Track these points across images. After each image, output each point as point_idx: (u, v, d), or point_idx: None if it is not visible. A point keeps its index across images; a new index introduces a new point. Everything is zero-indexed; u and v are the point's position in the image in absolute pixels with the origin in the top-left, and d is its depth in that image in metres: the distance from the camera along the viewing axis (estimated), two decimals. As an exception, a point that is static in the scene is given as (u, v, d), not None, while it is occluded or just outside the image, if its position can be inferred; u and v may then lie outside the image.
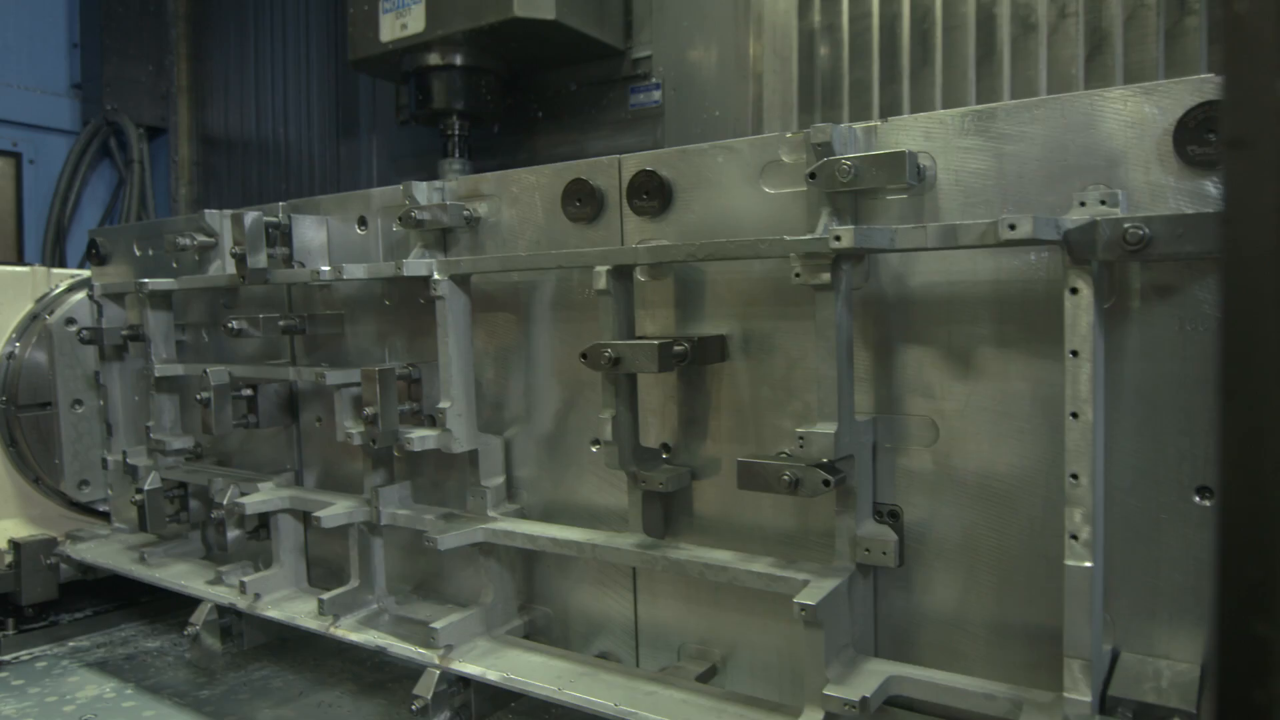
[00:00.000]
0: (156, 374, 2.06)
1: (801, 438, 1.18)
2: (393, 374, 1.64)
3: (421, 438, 1.60)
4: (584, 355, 1.36)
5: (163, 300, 2.10)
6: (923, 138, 1.23)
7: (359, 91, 3.63)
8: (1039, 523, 1.19)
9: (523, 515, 1.69)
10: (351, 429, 1.68)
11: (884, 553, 1.26)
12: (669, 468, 1.46)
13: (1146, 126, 1.08)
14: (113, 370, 2.24)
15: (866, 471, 1.28)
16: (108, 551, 2.34)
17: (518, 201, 1.63)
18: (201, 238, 2.02)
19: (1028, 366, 1.18)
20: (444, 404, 1.59)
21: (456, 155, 2.96)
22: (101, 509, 2.55)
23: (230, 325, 1.82)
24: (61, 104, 4.14)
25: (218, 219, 2.02)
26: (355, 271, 1.64)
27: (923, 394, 1.26)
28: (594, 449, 1.58)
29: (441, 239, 1.70)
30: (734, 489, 1.28)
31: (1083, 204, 1.09)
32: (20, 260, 4.02)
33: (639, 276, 1.47)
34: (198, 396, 1.94)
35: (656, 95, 2.80)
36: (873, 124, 1.26)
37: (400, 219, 1.64)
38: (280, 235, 1.84)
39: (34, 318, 2.42)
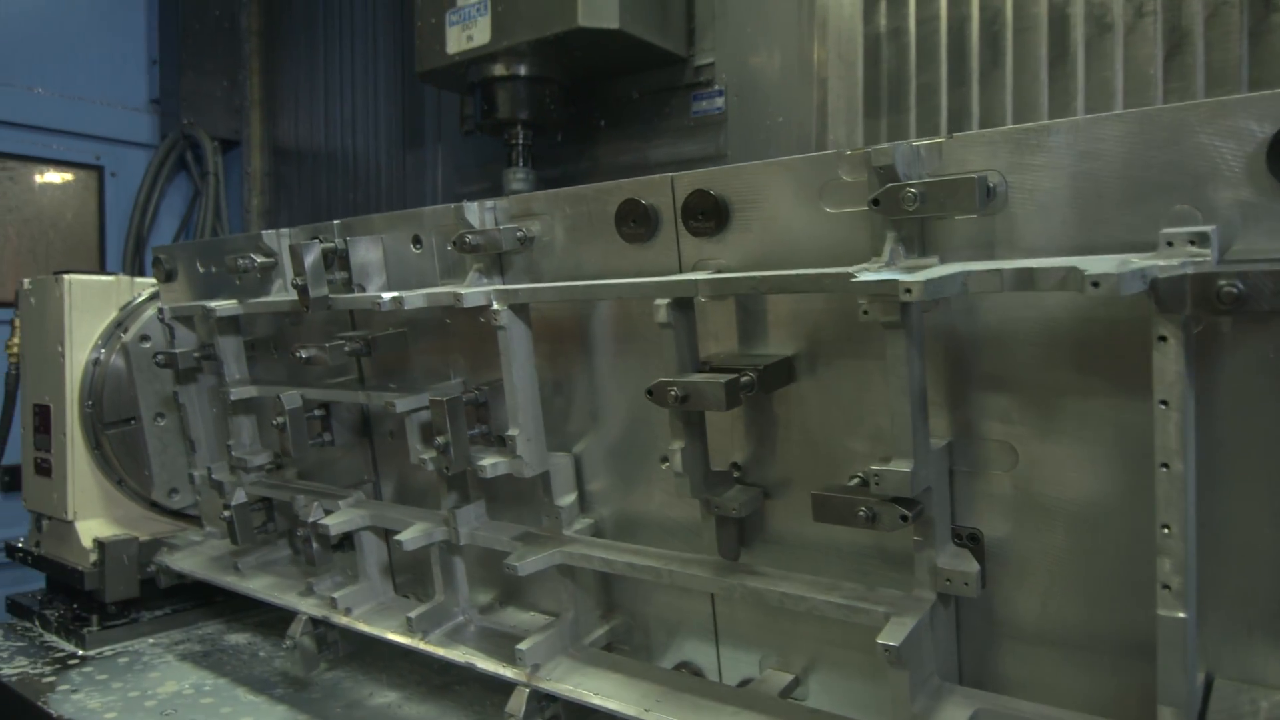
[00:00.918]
0: (232, 398, 2.12)
1: (878, 477, 1.15)
2: (460, 402, 1.65)
3: (494, 464, 1.61)
4: (650, 392, 1.33)
5: (231, 324, 2.15)
6: (991, 155, 1.17)
7: (424, 103, 3.70)
8: (1126, 548, 1.15)
9: (597, 529, 1.69)
10: (424, 455, 1.70)
11: (965, 583, 1.22)
12: (741, 490, 1.44)
13: (1239, 142, 1.01)
14: (190, 391, 2.30)
15: (944, 499, 1.25)
16: (202, 562, 2.42)
17: (570, 221, 1.60)
18: (262, 259, 2.04)
19: (1111, 391, 1.14)
20: (513, 431, 1.59)
21: (520, 165, 2.99)
22: (190, 513, 2.63)
23: (300, 355, 1.84)
24: (141, 119, 4.30)
25: (275, 239, 2.05)
26: (415, 301, 1.64)
27: (1000, 419, 1.23)
28: (663, 466, 1.57)
29: (497, 260, 1.69)
30: (807, 506, 1.26)
31: (1170, 244, 1.01)
32: (102, 269, 4.17)
33: (699, 298, 1.45)
34: (274, 422, 2.01)
35: (719, 102, 2.79)
36: (938, 140, 1.21)
37: (454, 243, 1.63)
38: (338, 259, 1.85)
39: (118, 325, 2.51)
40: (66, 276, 2.45)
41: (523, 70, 2.85)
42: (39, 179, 4.02)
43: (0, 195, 3.89)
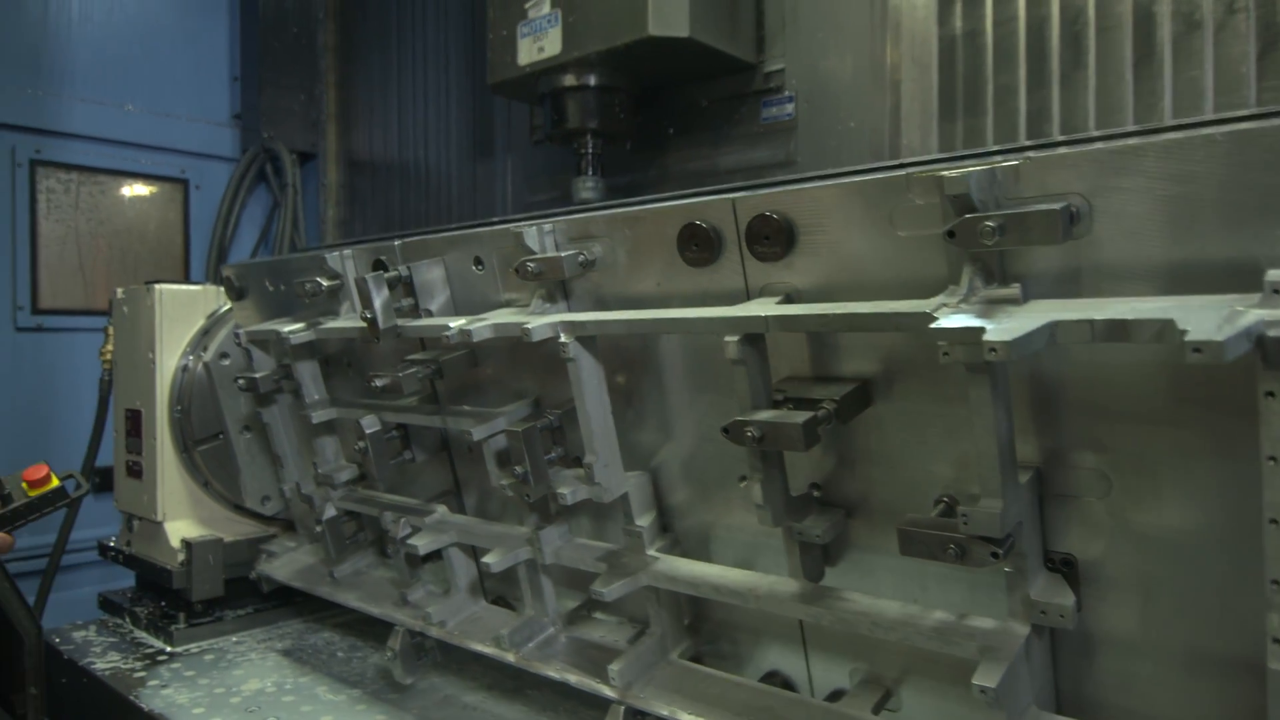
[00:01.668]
0: (314, 420, 2.18)
1: (966, 517, 1.12)
2: (536, 431, 1.65)
3: (573, 491, 1.62)
4: (726, 430, 1.31)
5: (305, 349, 2.19)
6: (1073, 177, 1.09)
7: (494, 114, 3.76)
8: (1229, 578, 1.10)
9: (678, 543, 1.69)
10: (503, 480, 1.72)
11: (1061, 615, 1.19)
12: (823, 514, 1.42)
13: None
14: (272, 411, 2.36)
15: (1034, 530, 1.21)
16: (299, 571, 2.50)
17: (631, 243, 1.57)
18: (328, 282, 2.07)
19: (1210, 421, 1.08)
20: (589, 459, 1.60)
21: (589, 173, 3.02)
22: (271, 514, 2.71)
23: (375, 384, 1.87)
24: (224, 133, 4.45)
25: (339, 261, 2.07)
26: (483, 332, 1.63)
27: (1091, 446, 1.18)
28: (741, 484, 1.56)
29: (561, 284, 1.68)
30: (889, 524, 1.24)
31: (1277, 291, 0.94)
32: (186, 278, 4.33)
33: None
34: (356, 446, 2.06)
35: (789, 108, 2.78)
36: (1014, 162, 1.14)
37: (516, 270, 1.62)
38: (403, 286, 1.87)
39: (205, 333, 2.60)
40: (157, 286, 2.55)
41: (592, 80, 2.87)
42: (128, 192, 4.19)
43: (93, 208, 4.06)
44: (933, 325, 1.04)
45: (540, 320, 1.57)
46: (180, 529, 2.57)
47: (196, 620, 2.53)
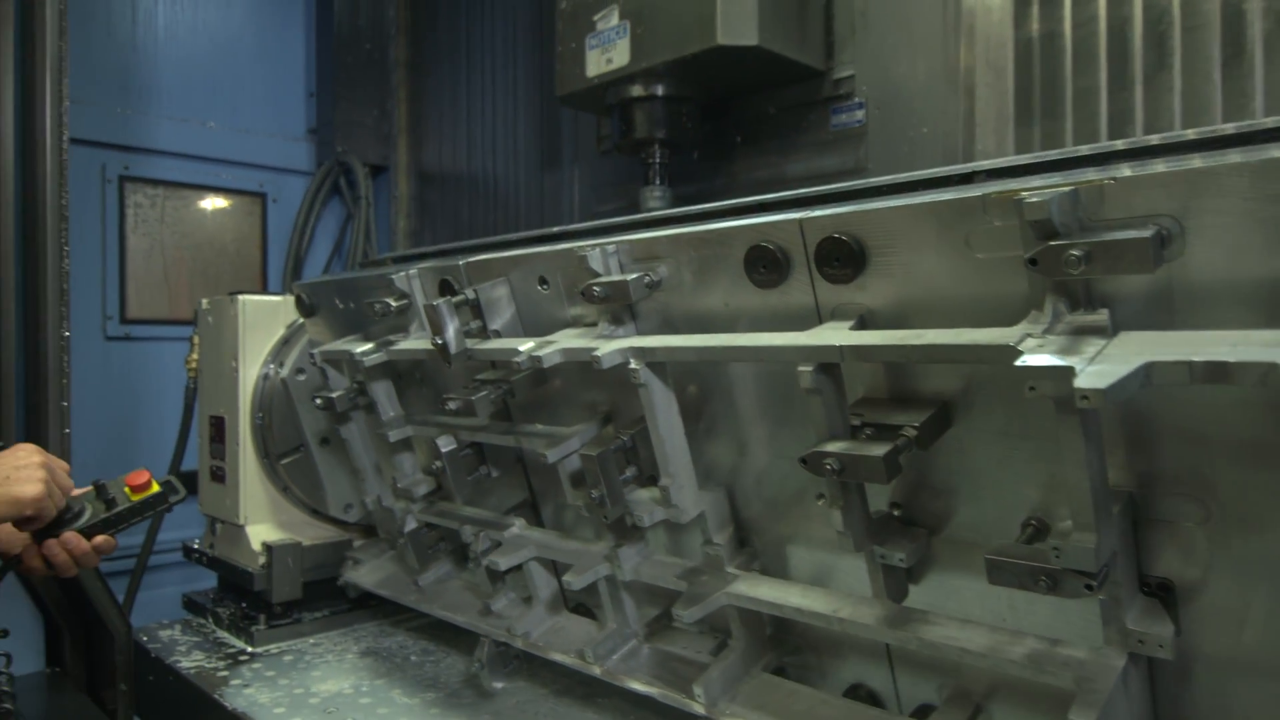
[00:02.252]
0: (391, 439, 2.22)
1: (1058, 550, 1.08)
2: (610, 455, 1.65)
3: (651, 513, 1.62)
4: (804, 461, 1.29)
5: (380, 369, 2.22)
6: (1162, 197, 1.03)
7: (562, 125, 3.80)
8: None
9: (756, 557, 1.68)
10: (579, 500, 1.73)
11: (1160, 645, 1.15)
12: (905, 536, 1.39)
13: None
14: (350, 428, 2.40)
15: (1130, 557, 1.17)
16: (384, 578, 2.56)
17: (696, 263, 1.55)
18: (396, 302, 2.10)
19: None
20: (664, 481, 1.59)
21: (657, 183, 3.03)
22: (347, 519, 2.77)
23: (449, 406, 1.89)
24: (299, 148, 4.58)
25: (406, 282, 2.09)
26: (553, 358, 1.63)
27: (1190, 473, 1.14)
28: (819, 502, 1.53)
29: (628, 307, 1.68)
30: (973, 542, 1.22)
31: None
32: (264, 289, 4.46)
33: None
34: (433, 466, 2.09)
35: (859, 115, 2.75)
36: (1098, 181, 1.08)
37: (582, 293, 1.61)
38: (470, 309, 1.88)
39: (285, 342, 2.67)
40: (240, 297, 2.63)
41: (660, 90, 2.88)
42: (209, 206, 4.34)
43: (176, 221, 4.21)
44: (1019, 363, 1.00)
45: (610, 346, 1.56)
46: (261, 532, 2.65)
47: (276, 622, 2.60)
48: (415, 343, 2.07)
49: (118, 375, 3.93)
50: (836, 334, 1.30)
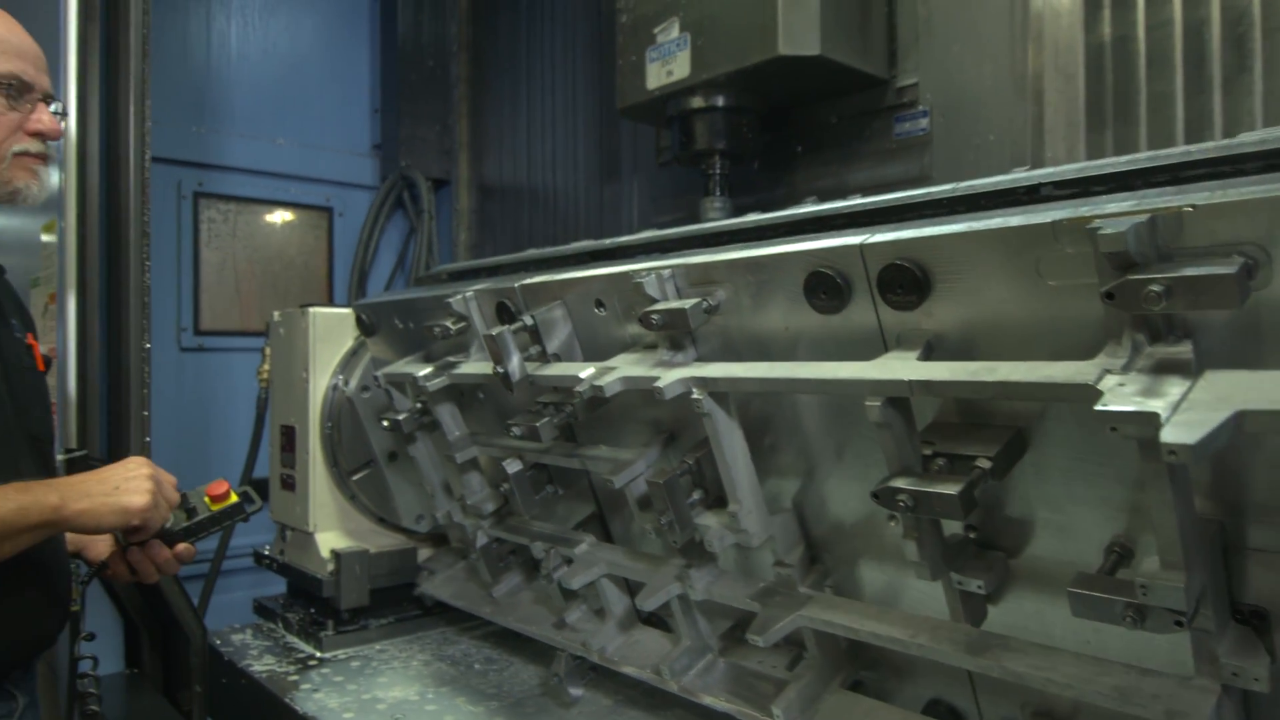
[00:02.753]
0: (458, 461, 2.25)
1: (1145, 588, 1.04)
2: (677, 482, 1.64)
3: (721, 538, 1.61)
4: (876, 495, 1.26)
5: (443, 393, 2.24)
6: (1246, 224, 0.97)
7: (621, 137, 3.82)
8: None
9: (828, 574, 1.66)
10: (648, 524, 1.72)
11: (1255, 679, 1.10)
12: (983, 562, 1.35)
13: None
14: (418, 447, 2.44)
15: (1220, 589, 1.13)
16: (459, 590, 2.60)
17: (754, 287, 1.51)
18: (455, 325, 2.11)
19: None
20: (733, 507, 1.58)
21: (717, 194, 3.03)
22: (415, 529, 2.81)
23: (513, 432, 1.90)
24: (364, 163, 4.69)
25: (464, 304, 2.10)
26: (614, 386, 1.62)
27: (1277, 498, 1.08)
28: (891, 525, 1.49)
29: (688, 333, 1.65)
30: (1052, 563, 1.18)
31: None
32: (330, 301, 4.57)
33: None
34: (500, 489, 2.11)
35: (923, 123, 2.72)
36: (1176, 207, 1.02)
37: (640, 320, 1.58)
38: (529, 334, 1.88)
39: (353, 353, 2.73)
40: (311, 309, 2.70)
41: (721, 101, 2.88)
42: (278, 220, 4.46)
43: (247, 235, 4.34)
44: (1099, 408, 0.95)
45: (671, 376, 1.54)
46: (329, 540, 2.70)
47: (344, 628, 2.65)
48: (477, 366, 2.08)
49: (191, 385, 4.05)
50: (904, 365, 1.25)
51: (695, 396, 1.51)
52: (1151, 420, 0.91)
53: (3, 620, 1.62)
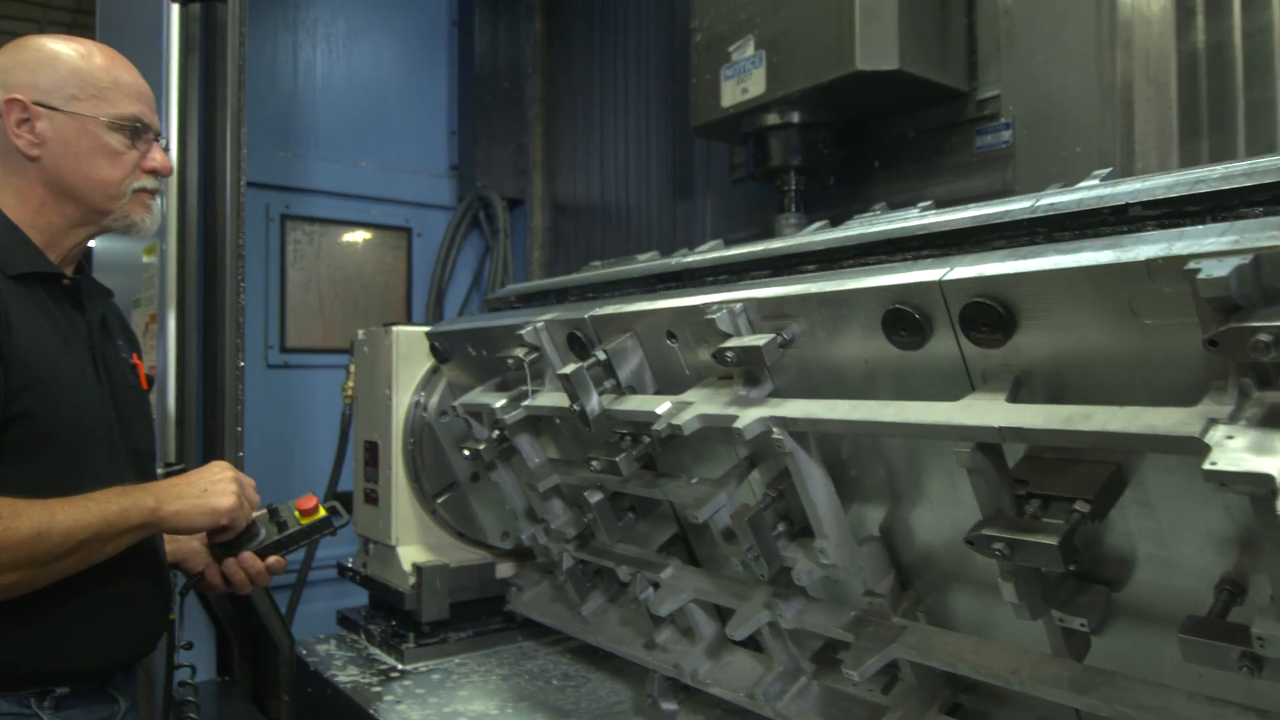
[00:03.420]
0: (540, 490, 2.26)
1: (1262, 640, 0.99)
2: (761, 516, 1.62)
3: (809, 571, 1.59)
4: (969, 542, 1.21)
5: (521, 424, 2.25)
6: None
7: (694, 155, 3.83)
8: None
9: (920, 600, 1.62)
10: (733, 555, 1.71)
11: None
12: (1083, 594, 1.29)
13: None
14: (500, 473, 2.46)
15: None
16: (548, 609, 2.62)
17: (830, 321, 1.46)
18: (528, 356, 2.11)
19: None
20: (820, 543, 1.55)
21: (792, 210, 3.01)
22: (494, 544, 2.85)
23: (593, 465, 1.91)
24: (442, 184, 4.79)
25: (535, 335, 2.09)
26: (692, 425, 1.60)
27: None
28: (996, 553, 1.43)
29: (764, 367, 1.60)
30: (1155, 596, 1.12)
31: None
32: (409, 319, 4.67)
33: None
34: (585, 519, 2.14)
35: (1006, 135, 2.66)
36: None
37: (714, 356, 1.55)
38: (602, 369, 1.87)
39: (434, 371, 2.79)
40: (394, 328, 2.76)
41: (796, 117, 2.87)
42: (359, 240, 4.59)
43: (330, 256, 4.47)
44: (1207, 468, 0.90)
45: (750, 415, 1.50)
46: (411, 553, 2.76)
47: (424, 640, 2.69)
48: (553, 399, 2.07)
49: (276, 401, 4.18)
50: (993, 408, 1.19)
51: (776, 436, 1.48)
52: (1266, 482, 0.87)
53: (108, 626, 1.70)
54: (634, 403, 1.80)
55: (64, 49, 1.69)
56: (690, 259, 2.08)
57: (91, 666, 1.68)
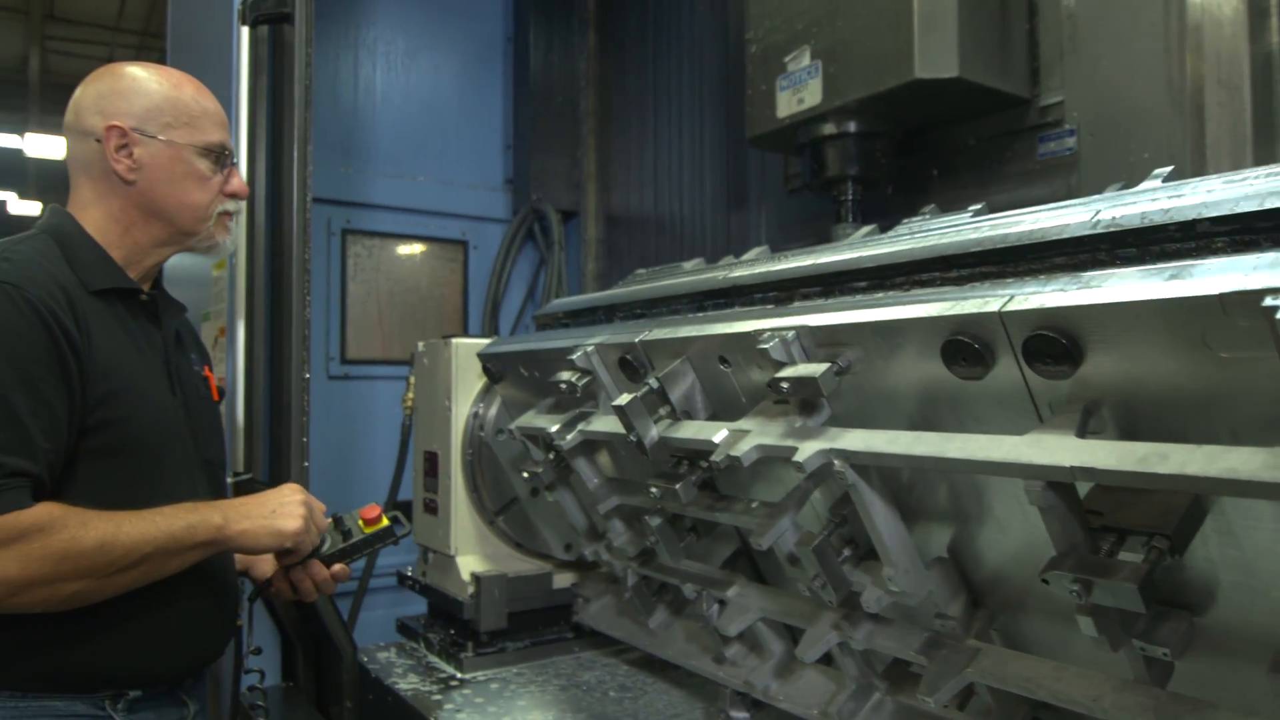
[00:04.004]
0: (601, 512, 2.27)
1: None
2: (827, 545, 1.60)
3: (878, 598, 1.56)
4: (1044, 580, 1.16)
5: (579, 448, 2.23)
6: None
7: (748, 166, 3.83)
8: None
9: (993, 620, 1.59)
10: (799, 580, 1.69)
11: None
12: (1165, 621, 1.24)
13: None
14: (559, 493, 2.46)
15: None
16: (615, 621, 2.62)
17: (887, 350, 1.41)
18: (580, 381, 2.09)
19: None
20: (887, 571, 1.52)
21: (849, 219, 2.99)
22: (553, 554, 2.87)
23: (652, 492, 1.88)
24: (498, 197, 4.86)
25: (586, 359, 2.08)
26: (750, 455, 1.56)
27: None
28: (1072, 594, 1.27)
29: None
30: (1236, 622, 1.08)
31: None
32: (465, 331, 4.73)
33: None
34: (647, 543, 2.14)
35: (1070, 142, 2.61)
36: None
37: (769, 385, 1.51)
38: (657, 396, 1.85)
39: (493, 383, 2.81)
40: (453, 340, 2.80)
41: (853, 127, 2.86)
42: (417, 254, 4.67)
43: (389, 269, 4.56)
44: None
45: (810, 447, 1.46)
46: (469, 563, 2.78)
47: (483, 650, 2.71)
48: (609, 425, 2.03)
49: (337, 411, 4.27)
50: (1063, 445, 1.12)
51: (838, 469, 1.44)
52: None
53: (179, 631, 1.75)
54: (690, 430, 1.77)
55: (156, 79, 1.76)
56: (736, 273, 2.03)
57: (163, 670, 1.74)
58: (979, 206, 1.75)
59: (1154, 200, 1.29)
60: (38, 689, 1.58)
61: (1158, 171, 1.45)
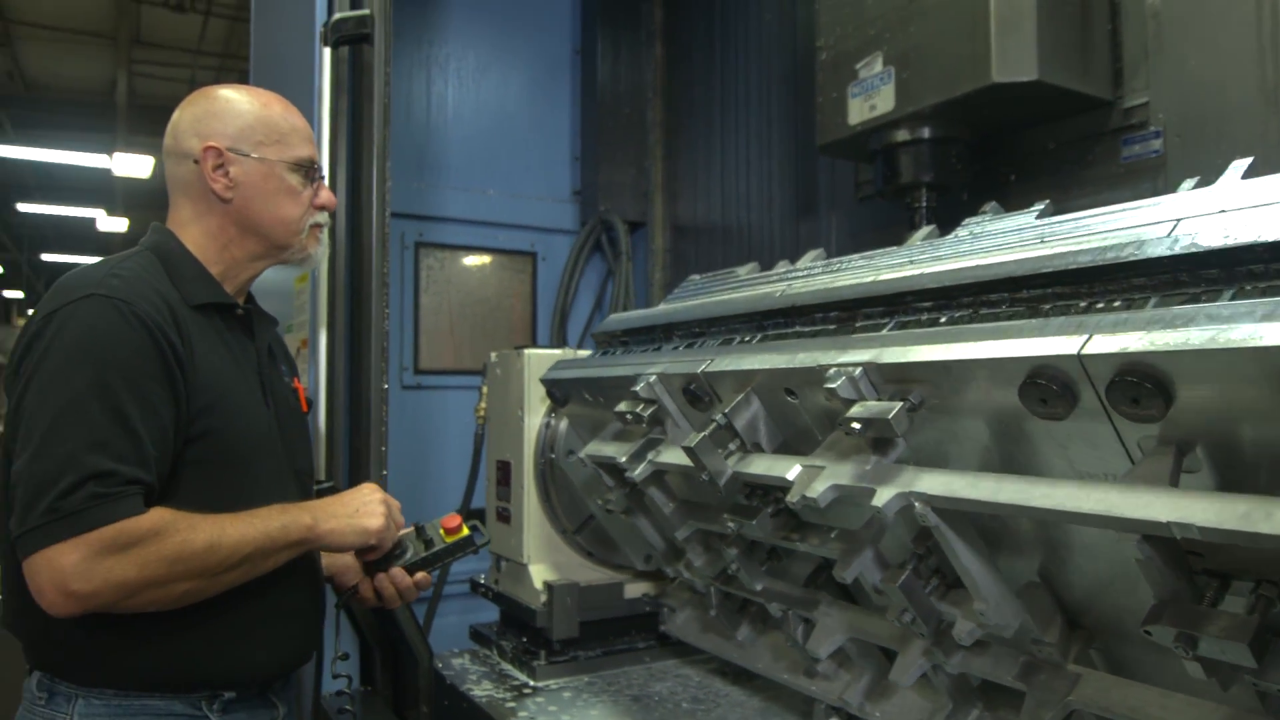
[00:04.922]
0: (679, 540, 2.25)
1: None
2: (912, 581, 1.56)
3: (970, 632, 1.53)
4: (1147, 630, 1.12)
5: (650, 478, 2.20)
6: None
7: (817, 173, 3.80)
8: None
9: (1092, 640, 1.54)
10: (891, 618, 1.65)
11: None
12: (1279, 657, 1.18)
13: None
14: (638, 519, 2.44)
15: None
16: (702, 633, 2.60)
17: (960, 388, 1.36)
18: (645, 411, 2.07)
19: None
20: (978, 606, 1.48)
21: (924, 226, 2.94)
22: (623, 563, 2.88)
23: (729, 528, 1.89)
24: (565, 209, 4.91)
25: (649, 389, 2.04)
26: (826, 496, 1.52)
27: None
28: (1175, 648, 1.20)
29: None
30: None
31: None
32: (533, 341, 4.79)
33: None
34: (728, 570, 2.15)
35: (1156, 144, 2.53)
36: None
37: (839, 424, 1.48)
38: (725, 431, 1.82)
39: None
40: (526, 351, 2.84)
41: (927, 133, 2.82)
42: (487, 266, 4.74)
43: (460, 281, 4.64)
44: None
45: (888, 492, 1.41)
46: (542, 572, 2.81)
47: (555, 658, 2.73)
48: (680, 457, 1.97)
49: (410, 421, 4.35)
50: (1158, 499, 1.06)
51: (919, 511, 1.40)
52: None
53: (272, 635, 1.81)
54: (763, 465, 1.74)
55: (247, 99, 1.84)
56: (796, 288, 1.98)
57: (256, 673, 1.79)
58: (1042, 206, 1.68)
59: (1233, 206, 1.22)
60: (139, 687, 1.65)
61: (1237, 163, 1.38)
